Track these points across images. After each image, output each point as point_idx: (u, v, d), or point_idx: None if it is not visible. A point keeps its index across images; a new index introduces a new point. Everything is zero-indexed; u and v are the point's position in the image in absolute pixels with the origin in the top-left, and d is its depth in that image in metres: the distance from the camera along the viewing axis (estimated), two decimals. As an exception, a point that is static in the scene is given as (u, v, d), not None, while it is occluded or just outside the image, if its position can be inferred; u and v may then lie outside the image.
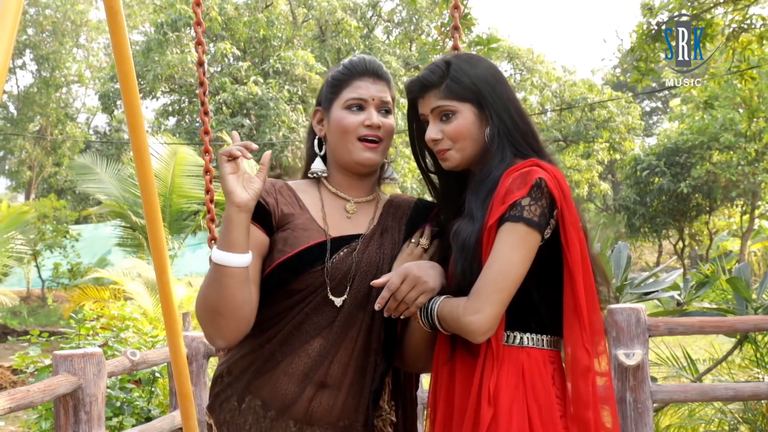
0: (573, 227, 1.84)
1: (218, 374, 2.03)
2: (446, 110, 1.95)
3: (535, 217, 1.79)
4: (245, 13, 20.43)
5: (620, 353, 3.77)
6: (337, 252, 1.96)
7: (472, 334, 1.80)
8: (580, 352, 1.84)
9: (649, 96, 35.57)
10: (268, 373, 1.93)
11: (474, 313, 1.78)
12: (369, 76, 2.05)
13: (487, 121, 1.94)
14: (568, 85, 24.39)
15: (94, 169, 13.60)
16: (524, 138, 1.94)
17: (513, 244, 1.79)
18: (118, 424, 5.17)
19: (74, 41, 31.11)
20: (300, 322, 1.92)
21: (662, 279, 5.21)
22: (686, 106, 21.06)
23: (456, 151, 1.96)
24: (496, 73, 1.98)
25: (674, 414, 5.34)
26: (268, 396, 1.92)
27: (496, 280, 1.78)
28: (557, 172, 1.86)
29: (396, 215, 2.09)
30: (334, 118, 2.02)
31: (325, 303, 1.93)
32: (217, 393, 2.01)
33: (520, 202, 1.79)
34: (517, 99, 1.99)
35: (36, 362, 5.90)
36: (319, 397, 1.91)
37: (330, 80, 2.08)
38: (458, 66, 1.96)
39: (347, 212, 2.04)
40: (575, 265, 1.83)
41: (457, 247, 1.89)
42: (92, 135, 31.37)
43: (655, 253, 27.42)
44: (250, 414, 1.93)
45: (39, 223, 17.68)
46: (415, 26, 22.54)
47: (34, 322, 16.61)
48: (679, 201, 20.51)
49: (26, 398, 2.92)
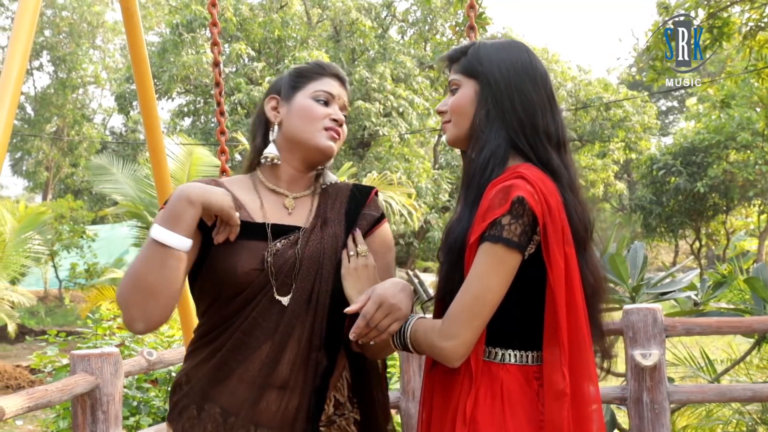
0: (557, 245, 1.75)
1: (177, 383, 1.99)
2: (454, 84, 1.96)
3: (515, 236, 1.73)
4: (260, 14, 20.49)
5: (637, 353, 3.75)
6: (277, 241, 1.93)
7: (447, 359, 1.77)
8: (556, 375, 1.77)
9: (665, 95, 35.39)
10: (224, 381, 1.89)
11: (449, 339, 1.74)
12: (337, 80, 2.09)
13: (484, 102, 1.89)
14: (583, 85, 24.31)
15: (111, 170, 13.65)
16: (522, 130, 1.85)
17: (491, 267, 1.73)
18: (135, 423, 5.20)
19: (90, 42, 31.30)
20: (249, 327, 1.88)
21: (679, 279, 5.17)
22: (703, 105, 20.96)
23: (452, 125, 1.95)
24: (519, 62, 1.90)
25: (692, 415, 5.31)
26: (226, 403, 1.89)
27: (473, 305, 1.73)
28: (543, 185, 1.78)
29: (334, 206, 2.06)
30: (301, 104, 2.02)
31: (271, 304, 1.89)
32: (176, 402, 1.97)
33: (500, 220, 1.72)
34: (536, 93, 1.88)
35: (54, 362, 5.93)
36: (273, 399, 1.88)
37: (295, 71, 2.09)
38: (480, 46, 1.95)
39: (286, 208, 2.01)
40: (557, 285, 1.76)
41: (444, 249, 1.87)
42: (108, 136, 31.54)
43: (671, 253, 27.28)
44: (209, 422, 1.89)
45: (56, 223, 17.81)
46: (430, 26, 22.52)
47: (52, 322, 16.73)
48: (696, 200, 20.42)
49: (44, 397, 2.93)
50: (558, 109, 1.94)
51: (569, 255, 1.79)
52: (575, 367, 1.80)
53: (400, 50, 20.95)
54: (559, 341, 1.77)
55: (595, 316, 1.91)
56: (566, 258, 1.78)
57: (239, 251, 1.90)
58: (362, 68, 19.81)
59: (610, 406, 4.61)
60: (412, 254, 21.35)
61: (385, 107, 19.49)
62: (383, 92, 19.41)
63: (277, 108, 2.07)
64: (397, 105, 19.44)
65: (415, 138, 21.07)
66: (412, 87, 20.36)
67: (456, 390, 1.84)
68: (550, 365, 1.78)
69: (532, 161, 1.84)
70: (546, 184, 1.79)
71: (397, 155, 19.30)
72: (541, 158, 1.85)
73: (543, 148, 1.86)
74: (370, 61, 20.60)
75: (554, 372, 1.77)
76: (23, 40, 2.25)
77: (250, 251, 1.90)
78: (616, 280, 4.91)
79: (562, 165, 1.87)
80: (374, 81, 19.41)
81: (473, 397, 1.79)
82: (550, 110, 1.90)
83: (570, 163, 1.92)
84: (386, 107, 19.50)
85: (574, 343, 1.79)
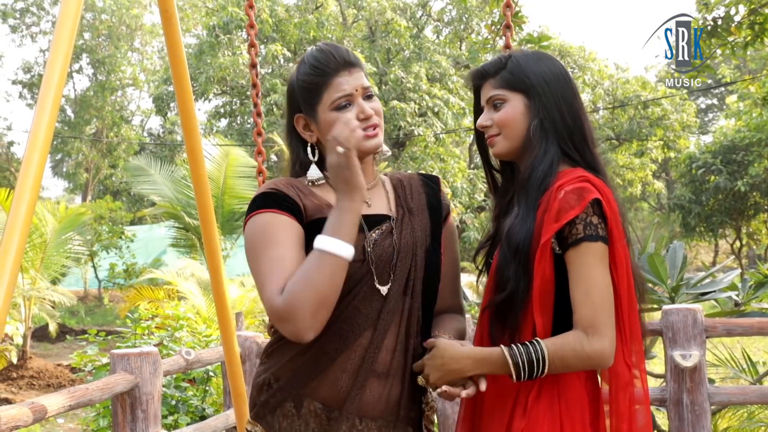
0: (620, 244, 1.87)
1: (263, 381, 1.98)
2: (498, 99, 1.98)
3: (606, 233, 1.85)
4: (296, 15, 20.58)
5: (676, 354, 3.71)
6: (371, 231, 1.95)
7: (605, 360, 1.83)
8: (621, 367, 1.88)
9: (705, 93, 34.93)
10: (324, 371, 1.89)
11: (600, 340, 1.81)
12: (344, 69, 1.96)
13: (536, 114, 1.94)
14: (620, 83, 24.07)
15: (148, 171, 13.80)
16: (571, 137, 1.95)
17: (598, 264, 1.83)
18: (173, 422, 5.24)
19: (129, 45, 31.72)
20: (350, 316, 1.90)
21: (719, 279, 5.10)
22: (743, 103, 20.64)
23: (503, 138, 1.98)
24: (558, 72, 1.99)
25: (733, 416, 5.24)
26: (327, 396, 1.90)
27: (603, 302, 1.82)
28: (605, 188, 1.89)
29: (413, 195, 2.08)
30: (326, 122, 1.95)
31: (372, 293, 1.92)
32: (266, 400, 1.96)
33: (591, 221, 1.83)
34: (576, 100, 1.99)
35: (94, 361, 6.00)
36: (376, 386, 1.90)
37: (303, 85, 1.99)
38: (517, 59, 2.00)
39: (365, 202, 1.97)
40: (621, 284, 1.87)
41: (510, 249, 1.89)
42: (146, 137, 31.90)
43: (711, 252, 26.93)
44: (311, 417, 1.90)
45: (95, 224, 18.04)
46: (465, 25, 22.46)
47: (91, 322, 16.95)
48: (736, 199, 20.14)
49: (85, 396, 2.97)
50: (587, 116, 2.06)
51: (627, 256, 1.91)
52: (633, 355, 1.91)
53: (435, 50, 20.92)
54: (621, 335, 1.87)
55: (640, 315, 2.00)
56: (626, 258, 1.90)
57: None
58: (397, 68, 19.82)
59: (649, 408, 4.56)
60: (448, 254, 21.26)
61: (420, 107, 19.48)
62: (418, 92, 19.39)
63: (307, 126, 2.02)
64: (433, 105, 19.42)
65: (450, 138, 21.04)
66: (448, 86, 20.32)
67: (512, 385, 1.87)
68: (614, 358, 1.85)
69: (581, 165, 1.94)
70: (605, 188, 1.89)
71: (433, 155, 19.27)
72: (589, 163, 1.95)
73: (590, 153, 1.97)
74: (405, 61, 20.60)
75: (619, 363, 1.87)
76: (64, 44, 2.28)
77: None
78: (655, 281, 4.86)
79: (602, 164, 1.98)
80: (409, 81, 19.40)
81: (536, 391, 1.87)
82: (586, 115, 2.02)
83: (600, 167, 2.00)
84: (421, 107, 19.48)
85: (636, 337, 1.91)
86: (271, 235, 1.87)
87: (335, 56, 1.97)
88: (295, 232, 1.89)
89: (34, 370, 10.63)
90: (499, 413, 1.92)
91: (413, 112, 19.19)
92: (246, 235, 1.93)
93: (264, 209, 1.90)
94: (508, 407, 1.89)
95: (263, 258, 1.85)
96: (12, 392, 9.78)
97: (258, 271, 1.86)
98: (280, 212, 1.90)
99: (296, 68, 2.04)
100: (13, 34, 31.67)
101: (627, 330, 1.88)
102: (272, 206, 1.90)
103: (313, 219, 1.92)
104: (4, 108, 62.58)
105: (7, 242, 2.10)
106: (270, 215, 1.90)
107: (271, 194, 1.93)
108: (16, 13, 30.82)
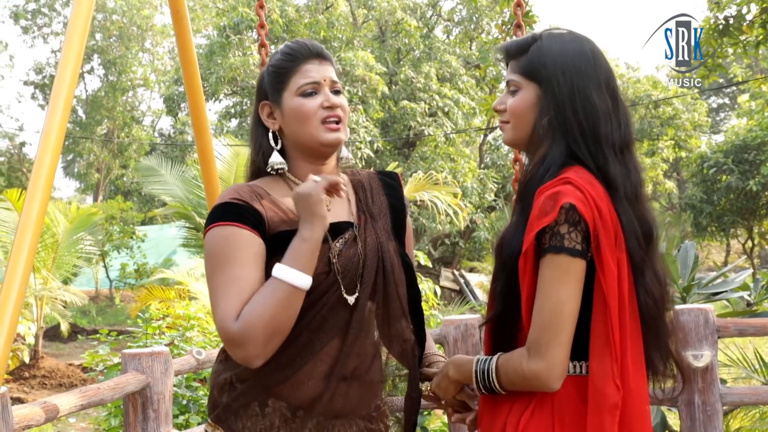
0: (609, 250, 1.71)
1: (225, 381, 1.95)
2: (513, 84, 1.89)
3: (578, 244, 1.69)
4: (306, 15, 20.59)
5: (688, 354, 3.69)
6: (335, 241, 1.93)
7: (543, 383, 1.72)
8: (609, 387, 1.70)
9: (716, 92, 34.77)
10: (290, 378, 1.88)
11: (538, 361, 1.70)
12: (315, 59, 1.98)
13: (546, 108, 1.82)
14: (631, 82, 23.99)
15: (159, 171, 13.83)
16: (583, 136, 1.79)
17: (558, 279, 1.69)
18: (185, 421, 5.25)
19: (140, 46, 31.80)
20: (317, 326, 1.88)
21: (731, 279, 5.08)
22: (755, 102, 20.55)
23: (511, 128, 1.89)
24: (582, 61, 1.83)
25: (745, 417, 5.22)
26: (294, 399, 1.88)
27: (551, 321, 1.69)
28: (593, 188, 1.73)
29: (373, 198, 2.07)
30: (291, 107, 1.96)
31: (339, 302, 1.90)
32: (228, 403, 1.92)
33: (558, 230, 1.68)
34: (598, 93, 1.81)
35: (105, 360, 6.02)
36: (341, 390, 1.90)
37: (272, 70, 2.00)
38: (542, 43, 1.86)
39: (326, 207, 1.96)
40: (610, 292, 1.70)
41: (499, 263, 1.84)
42: (157, 137, 31.99)
43: (722, 252, 26.80)
44: (276, 417, 1.88)
45: (106, 224, 18.10)
46: (476, 25, 22.41)
47: (103, 321, 17.00)
48: (748, 199, 20.04)
49: (97, 395, 2.97)
50: (622, 107, 1.87)
51: (622, 261, 1.75)
52: (627, 379, 1.74)
53: (445, 50, 20.89)
54: (611, 351, 1.72)
55: (660, 332, 1.85)
56: (619, 264, 1.74)
57: None
58: (408, 68, 19.80)
59: (660, 408, 4.55)
60: (458, 254, 21.28)
61: (430, 107, 19.46)
62: (429, 92, 19.37)
63: (272, 114, 2.01)
64: (443, 104, 19.39)
65: (460, 137, 21.01)
66: (458, 86, 20.29)
67: (505, 402, 1.82)
68: (600, 376, 1.72)
69: (590, 168, 1.79)
70: (595, 187, 1.75)
71: (443, 155, 19.25)
72: (601, 167, 1.79)
73: (603, 157, 1.80)
74: (415, 61, 20.58)
75: (606, 383, 1.71)
76: (76, 45, 2.29)
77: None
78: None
79: (623, 170, 1.82)
80: (420, 81, 19.38)
81: (530, 412, 1.77)
82: (614, 113, 1.83)
83: (633, 165, 1.86)
84: (431, 107, 19.46)
85: (626, 353, 1.74)
86: (231, 252, 1.84)
87: (308, 46, 2.00)
88: (255, 249, 1.86)
89: (46, 370, 10.68)
90: (492, 422, 1.86)
91: (423, 112, 19.17)
92: (206, 248, 1.89)
93: (225, 222, 1.87)
94: (499, 425, 1.82)
95: (220, 275, 1.83)
96: (24, 392, 9.83)
97: (214, 287, 1.84)
98: (242, 226, 1.86)
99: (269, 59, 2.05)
100: (25, 35, 31.85)
101: (617, 348, 1.71)
102: (234, 219, 1.87)
103: (277, 231, 1.89)
104: (16, 109, 63.03)
105: (19, 242, 2.11)
106: (231, 229, 1.86)
107: (233, 205, 1.89)
108: (27, 14, 30.97)
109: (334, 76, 2.00)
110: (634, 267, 1.78)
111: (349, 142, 17.93)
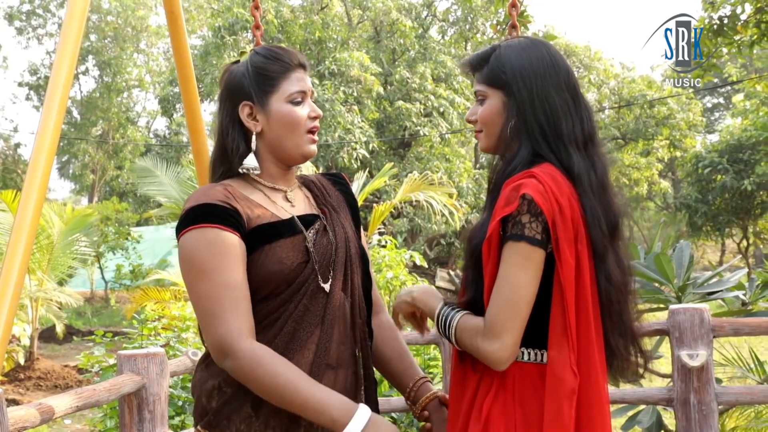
0: (567, 243, 1.78)
1: (213, 387, 1.91)
2: (480, 94, 1.97)
3: (537, 234, 1.76)
4: (301, 16, 20.58)
5: (683, 354, 3.70)
6: (307, 232, 1.96)
7: (493, 363, 1.79)
8: (567, 374, 1.77)
9: (711, 92, 34.84)
10: None
11: (491, 342, 1.77)
12: (301, 69, 2.01)
13: (512, 112, 1.90)
14: (626, 82, 24.06)
15: (155, 172, 13.82)
16: (544, 136, 1.87)
17: (517, 265, 1.76)
18: (180, 423, 5.24)
19: (135, 46, 31.79)
20: (300, 315, 1.89)
21: (726, 278, 5.09)
22: (750, 102, 20.60)
23: (485, 136, 1.97)
24: (541, 64, 1.91)
25: (740, 416, 5.23)
26: None
27: (508, 306, 1.75)
28: (555, 183, 1.80)
29: (329, 194, 2.13)
30: (280, 112, 1.96)
31: (317, 291, 1.93)
32: (219, 408, 1.88)
33: (520, 219, 1.76)
34: (559, 94, 1.89)
35: (101, 362, 6.02)
36: (328, 378, 1.91)
37: (259, 72, 1.98)
38: (501, 52, 1.94)
39: (290, 202, 2.02)
40: (567, 283, 1.77)
41: (468, 252, 1.91)
42: (152, 138, 31.97)
43: (717, 252, 26.87)
44: (271, 417, 1.87)
45: (102, 225, 18.07)
46: (471, 25, 22.44)
47: (98, 323, 16.97)
48: (743, 198, 20.10)
49: (93, 397, 2.97)
50: (583, 103, 1.94)
51: (581, 253, 1.81)
52: (584, 366, 1.80)
53: (440, 50, 20.92)
54: (568, 339, 1.78)
55: (622, 318, 1.90)
56: (578, 256, 1.80)
57: (284, 249, 1.91)
58: (403, 68, 19.82)
59: (656, 408, 4.55)
60: (453, 254, 21.29)
61: (425, 107, 19.48)
62: (424, 92, 19.39)
63: (253, 115, 1.98)
64: (438, 105, 19.42)
65: (455, 138, 21.01)
66: (453, 87, 20.32)
67: (470, 386, 1.89)
68: (558, 363, 1.78)
69: (554, 164, 1.86)
70: (558, 182, 1.82)
71: (438, 155, 19.27)
72: (564, 162, 1.87)
73: (566, 153, 1.87)
74: (410, 61, 20.60)
75: (564, 370, 1.77)
76: (71, 46, 2.29)
77: (293, 246, 1.92)
78: (661, 280, 4.85)
79: (587, 164, 1.88)
80: (415, 81, 19.40)
81: (492, 395, 1.83)
82: (575, 110, 1.91)
83: (598, 157, 1.92)
84: (427, 107, 19.48)
85: (583, 342, 1.81)
86: (220, 257, 1.82)
87: (297, 55, 2.02)
88: (241, 253, 1.86)
89: (42, 371, 10.65)
90: (454, 416, 1.92)
91: (418, 113, 19.19)
92: (185, 251, 1.86)
93: (206, 224, 1.84)
94: (463, 409, 1.88)
95: (212, 283, 1.81)
96: (19, 393, 9.80)
97: (206, 296, 1.81)
98: (225, 228, 1.84)
99: (246, 60, 2.02)
100: (20, 36, 31.79)
101: (574, 338, 1.78)
102: (216, 221, 1.85)
103: (254, 227, 1.90)
104: (11, 110, 62.97)
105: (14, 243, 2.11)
106: (215, 232, 1.84)
107: (213, 206, 1.86)
108: (22, 15, 30.93)
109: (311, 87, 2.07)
110: (596, 255, 1.85)
111: (345, 142, 17.96)
